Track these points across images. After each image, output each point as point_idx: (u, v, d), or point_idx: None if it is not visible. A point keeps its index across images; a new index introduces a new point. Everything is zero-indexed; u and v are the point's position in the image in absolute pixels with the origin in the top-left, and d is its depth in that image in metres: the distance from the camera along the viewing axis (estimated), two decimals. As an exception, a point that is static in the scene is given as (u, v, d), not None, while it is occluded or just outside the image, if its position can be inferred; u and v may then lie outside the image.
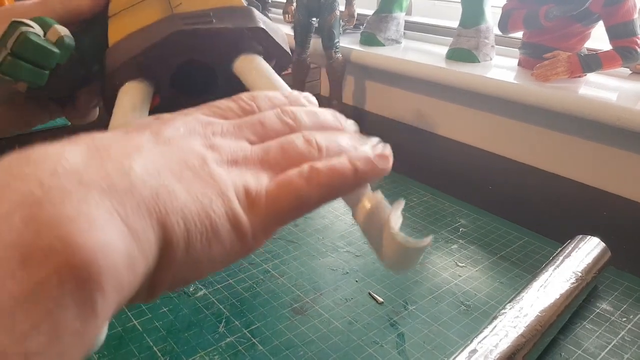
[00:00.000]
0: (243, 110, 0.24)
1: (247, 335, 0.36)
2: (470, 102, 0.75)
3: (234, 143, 0.22)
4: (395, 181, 0.60)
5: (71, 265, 0.14)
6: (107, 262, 0.15)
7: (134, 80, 0.31)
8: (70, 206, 0.15)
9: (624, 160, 0.61)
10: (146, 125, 0.21)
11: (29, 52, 0.29)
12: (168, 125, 0.21)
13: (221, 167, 0.20)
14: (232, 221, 0.20)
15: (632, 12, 0.59)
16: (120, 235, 0.16)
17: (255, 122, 0.23)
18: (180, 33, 0.30)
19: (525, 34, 0.70)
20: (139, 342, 0.35)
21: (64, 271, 0.14)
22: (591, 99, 0.59)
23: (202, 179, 0.19)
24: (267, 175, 0.22)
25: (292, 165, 0.22)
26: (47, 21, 0.30)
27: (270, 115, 0.24)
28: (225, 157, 0.21)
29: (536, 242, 0.48)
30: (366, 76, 0.89)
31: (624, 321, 0.38)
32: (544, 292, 0.35)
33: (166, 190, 0.18)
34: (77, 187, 0.15)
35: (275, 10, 1.13)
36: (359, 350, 0.35)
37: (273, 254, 0.46)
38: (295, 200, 0.21)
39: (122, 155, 0.18)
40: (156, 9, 0.32)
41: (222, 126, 0.22)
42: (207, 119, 0.23)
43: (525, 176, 0.65)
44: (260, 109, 0.25)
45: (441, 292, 0.41)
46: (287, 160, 0.22)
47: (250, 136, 0.23)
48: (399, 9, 0.85)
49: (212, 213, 0.19)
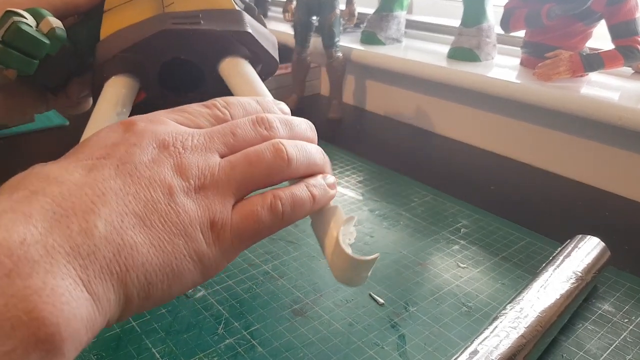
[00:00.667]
0: (216, 117, 0.24)
1: (247, 336, 0.36)
2: (471, 102, 0.74)
3: (202, 160, 0.22)
4: (395, 181, 0.60)
5: (37, 338, 0.15)
6: (69, 331, 0.16)
7: (120, 75, 0.31)
8: (38, 278, 0.16)
9: (626, 160, 0.61)
10: (113, 151, 0.20)
11: (19, 41, 0.29)
12: (136, 149, 0.21)
13: (188, 198, 0.21)
14: (195, 260, 0.21)
15: (634, 11, 0.59)
16: (83, 303, 0.17)
17: (227, 132, 0.23)
18: (167, 32, 0.30)
19: (527, 32, 0.70)
20: (137, 344, 0.35)
21: (30, 343, 0.15)
22: (593, 99, 0.58)
23: (167, 221, 0.20)
24: (234, 196, 0.22)
25: (259, 183, 0.23)
26: (41, 12, 0.31)
27: (243, 123, 0.24)
28: (193, 183, 0.21)
29: (538, 243, 0.48)
30: (367, 75, 0.89)
31: (626, 322, 0.38)
32: (544, 292, 0.35)
33: (129, 245, 0.18)
34: (44, 256, 0.16)
35: (275, 9, 1.13)
36: (360, 352, 0.35)
37: (273, 255, 0.45)
38: (258, 230, 0.23)
39: (86, 208, 0.18)
40: (148, 6, 0.32)
41: (193, 138, 0.22)
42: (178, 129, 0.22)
43: (526, 176, 0.65)
44: (233, 117, 0.25)
45: (442, 294, 0.41)
46: (254, 177, 0.23)
47: (220, 148, 0.23)
48: (400, 8, 0.85)
49: (174, 260, 0.20)
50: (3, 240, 0.16)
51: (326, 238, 0.25)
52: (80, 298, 0.17)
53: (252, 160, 0.23)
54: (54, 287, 0.16)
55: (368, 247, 0.46)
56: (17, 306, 0.15)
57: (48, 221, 0.17)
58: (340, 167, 0.64)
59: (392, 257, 0.45)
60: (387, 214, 0.53)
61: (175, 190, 0.20)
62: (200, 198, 0.21)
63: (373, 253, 0.25)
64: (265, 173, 0.23)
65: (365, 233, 0.49)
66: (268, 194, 0.23)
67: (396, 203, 0.55)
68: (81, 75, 0.37)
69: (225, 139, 0.23)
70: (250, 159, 0.23)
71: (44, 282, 0.16)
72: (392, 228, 0.50)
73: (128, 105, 0.31)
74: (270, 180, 0.24)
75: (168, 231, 0.20)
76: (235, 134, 0.23)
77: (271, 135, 0.24)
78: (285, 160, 0.23)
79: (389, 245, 0.47)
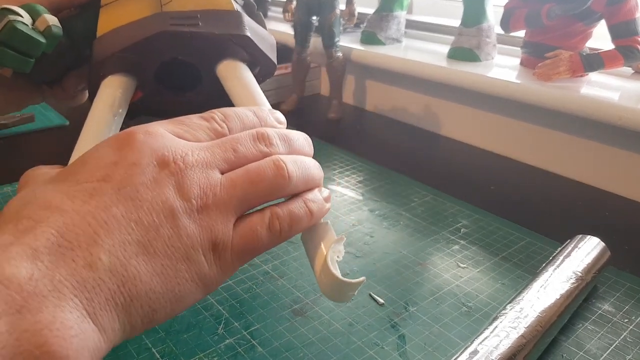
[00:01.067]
0: (214, 131, 0.24)
1: (247, 336, 0.36)
2: (471, 102, 0.74)
3: (204, 177, 0.22)
4: (395, 181, 0.60)
5: None
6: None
7: (117, 74, 0.31)
8: (47, 312, 0.16)
9: (626, 160, 0.61)
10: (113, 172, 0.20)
11: (15, 41, 0.29)
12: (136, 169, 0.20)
13: (190, 219, 0.21)
14: (197, 282, 0.21)
15: (634, 11, 0.59)
16: (90, 335, 0.17)
17: (228, 147, 0.23)
18: (164, 34, 0.30)
19: (527, 32, 0.70)
20: (137, 344, 0.35)
21: None
22: (593, 99, 0.58)
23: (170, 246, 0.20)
24: (235, 215, 0.23)
25: (259, 200, 0.23)
26: (37, 9, 0.31)
27: (244, 139, 0.24)
28: (195, 203, 0.21)
29: (538, 243, 0.48)
30: (367, 75, 0.89)
31: (626, 322, 0.38)
32: (544, 292, 0.35)
33: (132, 275, 0.19)
34: (52, 291, 0.17)
35: (275, 9, 1.13)
36: (360, 352, 0.35)
37: (273, 255, 0.45)
38: (257, 249, 0.23)
39: (89, 240, 0.18)
40: (146, 3, 0.32)
41: (193, 153, 0.22)
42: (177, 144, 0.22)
43: (526, 176, 0.65)
44: (231, 130, 0.25)
45: (442, 294, 0.41)
46: (255, 195, 0.23)
47: (221, 164, 0.23)
48: (400, 8, 0.85)
49: (177, 286, 0.20)
50: (12, 276, 0.16)
51: (316, 257, 0.26)
52: (87, 330, 0.17)
53: (253, 179, 0.23)
54: (63, 320, 0.16)
55: (368, 247, 0.46)
56: (30, 341, 0.16)
57: (54, 254, 0.17)
58: (340, 167, 0.64)
59: (392, 257, 0.45)
60: (387, 214, 0.53)
61: (177, 212, 0.20)
62: (202, 218, 0.21)
63: (372, 254, 0.25)
64: (266, 191, 0.23)
65: (365, 233, 0.49)
66: (267, 212, 0.24)
67: (396, 203, 0.55)
68: (77, 69, 0.36)
69: (226, 155, 0.23)
70: (252, 177, 0.23)
71: (54, 316, 0.16)
72: (392, 228, 0.50)
73: (124, 106, 0.31)
74: (270, 197, 0.24)
75: (170, 257, 0.20)
76: (236, 150, 0.23)
77: (271, 152, 0.25)
78: (286, 178, 0.24)
79: (389, 245, 0.47)
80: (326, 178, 0.61)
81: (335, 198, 0.56)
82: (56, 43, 0.32)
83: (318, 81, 0.95)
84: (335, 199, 0.56)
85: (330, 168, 0.63)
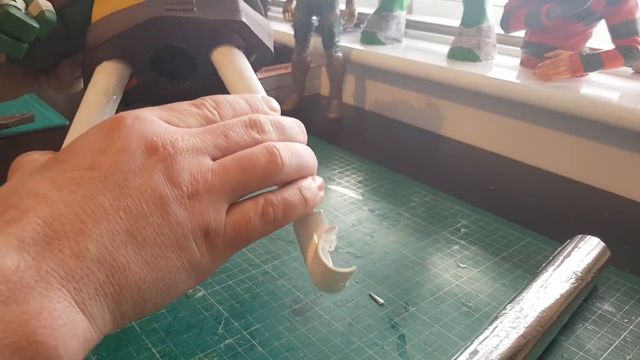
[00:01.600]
0: (205, 118, 0.24)
1: (247, 336, 0.36)
2: (471, 102, 0.74)
3: (194, 163, 0.21)
4: (395, 181, 0.60)
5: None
6: (67, 352, 0.16)
7: (111, 60, 0.31)
8: (34, 303, 0.16)
9: (625, 160, 0.61)
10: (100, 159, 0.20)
11: (8, 25, 0.29)
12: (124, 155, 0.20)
13: (180, 206, 0.20)
14: (189, 270, 0.21)
15: (634, 11, 0.59)
16: (79, 324, 0.17)
17: (219, 133, 0.23)
18: (158, 19, 0.29)
19: (527, 32, 0.70)
20: (137, 344, 0.35)
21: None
22: (593, 99, 0.58)
23: (160, 234, 0.19)
24: (227, 202, 0.22)
25: (252, 188, 0.23)
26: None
27: (235, 125, 0.23)
28: (186, 190, 0.20)
29: (538, 243, 0.48)
30: (367, 75, 0.89)
31: (626, 322, 0.38)
32: (544, 292, 0.35)
33: (121, 265, 0.18)
34: (38, 282, 0.16)
35: (275, 9, 1.13)
36: (360, 352, 0.35)
37: (273, 255, 0.45)
38: (250, 236, 0.23)
39: (76, 230, 0.18)
40: None
41: (183, 138, 0.21)
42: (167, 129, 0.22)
43: (526, 176, 0.65)
44: (222, 117, 0.24)
45: (442, 294, 0.41)
46: (248, 182, 0.23)
47: (212, 150, 0.22)
48: (400, 8, 0.85)
49: (167, 274, 0.20)
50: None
51: (308, 246, 0.26)
52: (76, 319, 0.17)
53: (246, 166, 0.22)
54: (50, 310, 0.16)
55: (368, 247, 0.46)
56: (17, 332, 0.15)
57: (40, 245, 0.17)
58: (340, 167, 0.64)
59: (392, 257, 0.45)
60: (387, 214, 0.53)
61: (167, 199, 0.20)
62: (193, 205, 0.20)
63: (372, 254, 0.25)
64: (259, 178, 0.23)
65: (365, 233, 0.49)
66: (260, 199, 0.23)
67: (396, 203, 0.55)
68: (72, 57, 0.36)
69: (217, 141, 0.22)
70: (245, 164, 0.22)
71: (41, 306, 0.16)
72: (392, 228, 0.50)
73: (119, 92, 0.31)
74: (263, 185, 0.23)
75: (161, 245, 0.19)
76: (228, 136, 0.23)
77: (263, 138, 0.24)
78: (279, 165, 0.23)
79: (389, 245, 0.47)
80: (326, 178, 0.61)
81: (335, 198, 0.56)
82: (50, 29, 0.31)
83: (318, 81, 0.95)
84: (335, 199, 0.56)
85: (330, 168, 0.63)
